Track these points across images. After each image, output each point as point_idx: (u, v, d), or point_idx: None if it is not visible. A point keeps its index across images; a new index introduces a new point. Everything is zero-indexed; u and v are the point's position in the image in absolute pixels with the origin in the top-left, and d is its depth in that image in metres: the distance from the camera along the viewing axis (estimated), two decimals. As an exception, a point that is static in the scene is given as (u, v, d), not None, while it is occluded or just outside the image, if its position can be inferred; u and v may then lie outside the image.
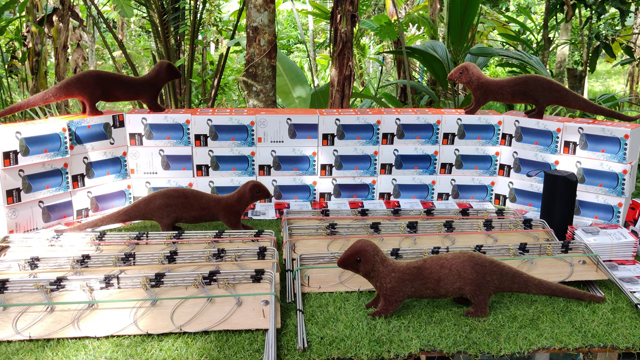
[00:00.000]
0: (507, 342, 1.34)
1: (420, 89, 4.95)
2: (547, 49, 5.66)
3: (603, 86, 12.56)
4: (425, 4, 6.59)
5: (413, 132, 2.27)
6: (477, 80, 2.20)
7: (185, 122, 2.19)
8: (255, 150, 2.24)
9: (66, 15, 5.17)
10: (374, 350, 1.30)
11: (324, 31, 11.05)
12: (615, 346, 1.34)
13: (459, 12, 4.16)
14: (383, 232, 1.92)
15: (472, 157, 2.31)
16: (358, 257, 1.39)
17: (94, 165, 2.13)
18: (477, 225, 1.94)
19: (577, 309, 1.48)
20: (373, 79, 9.76)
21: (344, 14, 3.32)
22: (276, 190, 2.29)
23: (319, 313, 1.44)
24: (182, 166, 2.23)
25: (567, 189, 1.88)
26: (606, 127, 2.04)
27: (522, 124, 2.22)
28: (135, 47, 9.86)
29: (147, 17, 4.77)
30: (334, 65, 3.45)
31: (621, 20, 4.96)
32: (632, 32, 7.43)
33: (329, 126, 2.24)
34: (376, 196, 2.34)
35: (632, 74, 8.65)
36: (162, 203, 1.90)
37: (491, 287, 1.43)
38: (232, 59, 7.92)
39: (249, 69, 3.03)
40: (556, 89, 2.16)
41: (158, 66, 2.23)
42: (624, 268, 1.73)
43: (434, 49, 4.34)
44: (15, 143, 1.90)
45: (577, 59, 10.00)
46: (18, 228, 1.95)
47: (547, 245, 1.74)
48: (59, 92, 2.09)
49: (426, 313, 1.45)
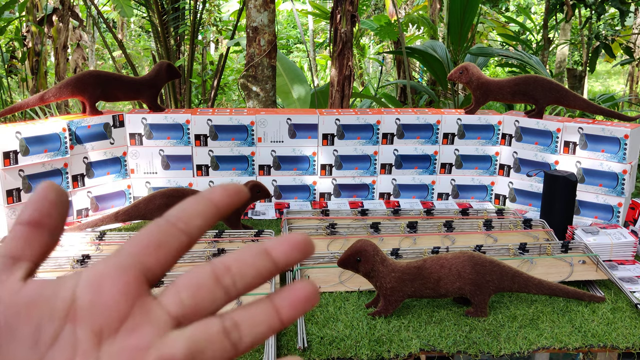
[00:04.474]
0: (507, 342, 1.34)
1: (420, 89, 4.94)
2: (546, 49, 5.66)
3: (603, 86, 12.56)
4: (425, 4, 6.59)
5: (413, 132, 2.28)
6: (477, 80, 2.20)
7: (185, 122, 2.19)
8: (255, 150, 2.24)
9: (66, 15, 5.17)
10: (374, 350, 1.30)
11: (324, 31, 11.04)
12: (615, 346, 1.34)
13: (458, 12, 4.16)
14: (383, 232, 1.92)
15: (472, 157, 2.31)
16: (358, 257, 1.39)
17: (94, 165, 2.13)
18: (477, 225, 1.94)
19: (577, 308, 1.48)
20: (373, 79, 9.76)
21: (344, 14, 3.32)
22: (276, 190, 2.29)
23: (319, 313, 1.44)
24: (182, 166, 2.23)
25: (567, 189, 1.88)
26: (606, 127, 2.04)
27: (522, 124, 2.22)
28: (135, 47, 9.86)
29: (146, 17, 4.77)
30: (333, 65, 3.45)
31: (621, 21, 4.96)
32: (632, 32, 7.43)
33: (329, 126, 2.24)
34: (376, 196, 2.34)
35: (632, 74, 8.65)
36: (162, 203, 1.90)
37: (491, 287, 1.43)
38: (232, 59, 7.92)
39: (249, 69, 3.02)
40: (556, 89, 2.16)
41: (158, 66, 2.23)
42: (624, 268, 1.73)
43: (434, 49, 4.34)
44: (15, 143, 1.90)
45: (577, 59, 10.00)
46: (18, 228, 1.95)
47: (547, 245, 1.74)
48: (59, 92, 2.09)
49: (426, 313, 1.46)
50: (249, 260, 0.30)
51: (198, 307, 0.30)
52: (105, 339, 0.28)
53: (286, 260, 0.31)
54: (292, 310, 0.30)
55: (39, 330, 0.28)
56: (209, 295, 0.30)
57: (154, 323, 0.29)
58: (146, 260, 0.30)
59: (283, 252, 0.31)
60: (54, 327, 0.28)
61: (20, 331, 0.27)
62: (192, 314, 0.29)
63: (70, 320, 0.28)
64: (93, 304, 0.28)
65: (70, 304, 0.28)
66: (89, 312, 0.28)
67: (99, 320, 0.28)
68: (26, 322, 0.28)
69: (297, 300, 0.30)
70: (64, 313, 0.28)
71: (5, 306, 0.28)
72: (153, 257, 0.30)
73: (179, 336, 0.28)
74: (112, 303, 0.29)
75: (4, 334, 0.27)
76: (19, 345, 0.27)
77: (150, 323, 0.29)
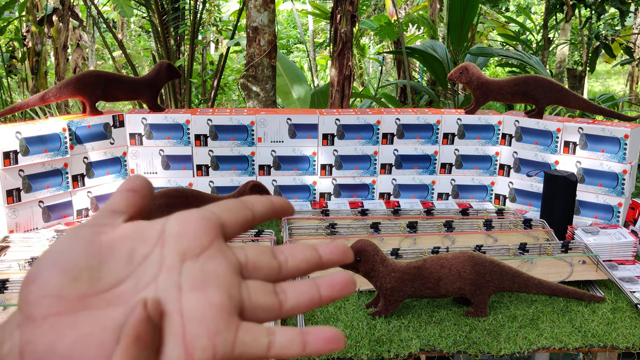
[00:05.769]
0: (507, 342, 1.34)
1: (420, 89, 4.95)
2: (547, 49, 5.66)
3: (603, 86, 12.57)
4: (425, 4, 6.59)
5: (413, 132, 2.28)
6: (477, 80, 2.20)
7: (185, 122, 2.19)
8: (255, 150, 2.24)
9: (66, 15, 5.17)
10: (374, 350, 1.30)
11: (324, 31, 11.04)
12: (615, 346, 1.34)
13: (458, 12, 4.16)
14: (383, 232, 1.92)
15: (472, 157, 2.31)
16: (358, 257, 1.39)
17: (94, 165, 2.13)
18: (477, 225, 1.94)
19: (577, 308, 1.48)
20: (373, 79, 9.76)
21: (344, 14, 3.32)
22: (276, 190, 2.29)
23: (319, 313, 1.44)
24: (182, 166, 2.23)
25: (567, 189, 1.88)
26: (606, 127, 2.04)
27: (522, 124, 2.22)
28: (135, 47, 9.86)
29: (146, 17, 4.77)
30: (333, 65, 3.45)
31: (621, 21, 4.96)
32: (632, 32, 7.43)
33: (329, 126, 2.24)
34: (376, 196, 2.34)
35: (632, 74, 8.65)
36: (162, 203, 1.90)
37: (491, 287, 1.43)
38: (232, 59, 7.93)
39: (249, 69, 3.02)
40: (556, 89, 2.16)
41: (158, 66, 2.23)
42: (624, 268, 1.73)
43: (434, 49, 4.35)
44: (15, 143, 1.90)
45: (577, 59, 10.01)
46: (18, 228, 1.95)
47: (547, 245, 1.74)
48: (59, 92, 2.09)
49: (426, 313, 1.46)
50: (300, 249, 0.38)
51: (257, 266, 0.36)
52: (188, 260, 0.34)
53: (329, 258, 0.38)
54: (330, 290, 0.36)
55: (134, 251, 0.34)
56: (266, 261, 0.37)
57: (228, 259, 0.35)
58: (225, 218, 0.37)
59: (328, 251, 0.38)
60: (146, 249, 0.35)
61: (118, 251, 0.34)
62: (253, 270, 0.36)
63: (159, 244, 0.35)
64: (180, 232, 0.35)
65: (160, 233, 0.35)
66: (176, 237, 0.35)
67: (183, 244, 0.35)
68: (124, 245, 0.35)
69: (335, 284, 0.36)
70: (155, 239, 0.35)
71: (109, 235, 0.35)
72: (229, 218, 0.37)
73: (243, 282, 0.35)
74: (196, 234, 0.35)
75: (106, 252, 0.34)
76: (117, 261, 0.34)
77: (225, 258, 0.35)
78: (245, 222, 0.38)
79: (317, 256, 0.37)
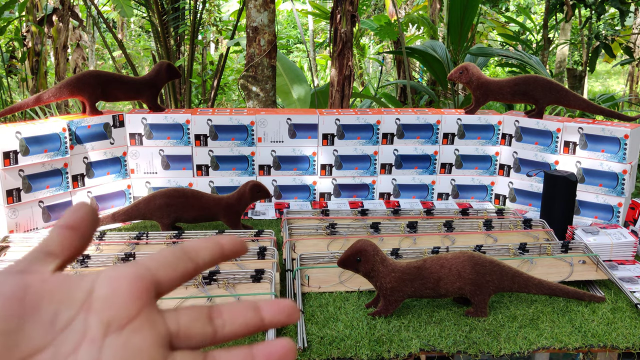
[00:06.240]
0: (507, 342, 1.34)
1: (420, 89, 4.95)
2: (546, 49, 5.66)
3: (603, 86, 12.57)
4: (425, 4, 6.59)
5: (413, 132, 2.28)
6: (477, 80, 2.20)
7: (185, 122, 2.19)
8: (255, 150, 2.24)
9: (66, 15, 5.17)
10: (374, 350, 1.30)
11: (324, 31, 11.04)
12: (615, 346, 1.34)
13: (458, 12, 4.16)
14: (383, 232, 1.92)
15: (472, 157, 2.32)
16: (358, 257, 1.39)
17: (94, 165, 2.13)
18: (477, 225, 1.94)
19: (577, 308, 1.48)
20: (373, 79, 9.76)
21: (343, 14, 3.32)
22: (276, 190, 2.29)
23: (319, 313, 1.44)
24: (182, 166, 2.23)
25: (567, 189, 1.88)
26: (606, 127, 2.04)
27: (522, 124, 2.22)
28: (135, 47, 9.86)
29: (146, 17, 4.77)
30: (333, 65, 3.45)
31: (621, 20, 4.96)
32: (632, 32, 7.43)
33: (329, 126, 2.24)
34: (376, 196, 2.34)
35: (632, 74, 8.65)
36: (162, 203, 1.90)
37: (491, 286, 1.43)
38: (232, 59, 7.93)
39: (249, 69, 3.02)
40: (556, 89, 2.16)
41: (158, 66, 2.23)
42: (624, 268, 1.73)
43: (434, 49, 4.35)
44: (15, 143, 1.90)
45: (577, 59, 10.01)
46: (18, 228, 1.95)
47: (547, 245, 1.74)
48: (58, 92, 2.09)
49: (426, 313, 1.46)
50: (241, 311, 0.36)
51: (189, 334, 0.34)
52: (112, 332, 0.32)
53: (271, 320, 0.36)
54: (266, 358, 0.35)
55: (57, 315, 0.32)
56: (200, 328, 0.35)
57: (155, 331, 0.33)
58: (159, 275, 0.35)
59: (271, 312, 0.36)
60: (70, 312, 0.32)
61: (42, 313, 0.32)
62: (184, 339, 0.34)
63: (85, 308, 0.32)
64: (108, 297, 0.33)
65: (87, 295, 0.33)
66: (103, 304, 0.32)
67: (110, 312, 0.32)
68: (48, 306, 0.32)
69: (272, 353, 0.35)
70: (81, 301, 0.32)
71: (34, 290, 0.32)
72: (165, 274, 0.35)
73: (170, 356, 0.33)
74: (124, 301, 0.33)
75: (28, 313, 0.31)
76: (38, 325, 0.31)
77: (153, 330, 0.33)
78: (185, 274, 0.36)
79: (259, 319, 0.36)
